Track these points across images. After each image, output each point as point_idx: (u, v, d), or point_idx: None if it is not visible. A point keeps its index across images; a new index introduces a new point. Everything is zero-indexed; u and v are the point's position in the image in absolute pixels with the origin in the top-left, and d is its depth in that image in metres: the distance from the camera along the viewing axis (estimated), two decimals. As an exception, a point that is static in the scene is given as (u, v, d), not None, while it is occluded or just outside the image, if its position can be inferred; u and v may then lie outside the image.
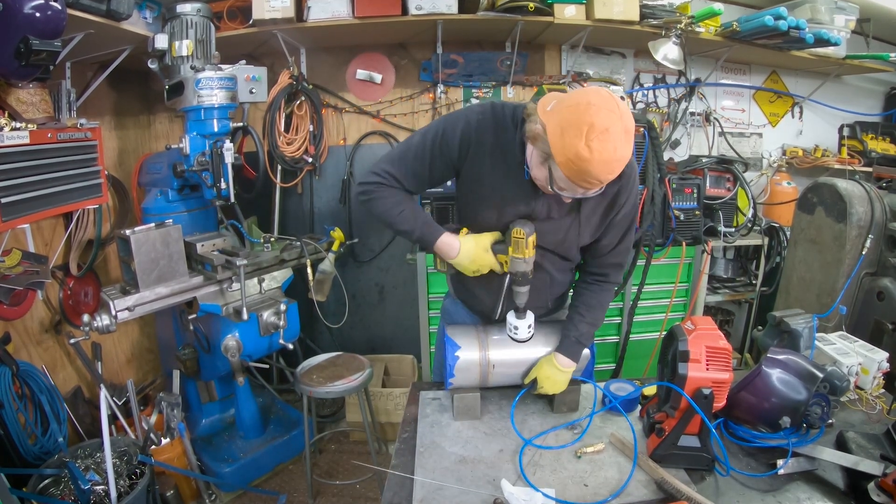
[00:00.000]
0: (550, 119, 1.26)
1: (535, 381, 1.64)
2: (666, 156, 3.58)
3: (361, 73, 3.62)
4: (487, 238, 1.57)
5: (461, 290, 1.85)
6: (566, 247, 1.61)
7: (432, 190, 2.20)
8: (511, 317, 1.61)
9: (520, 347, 1.65)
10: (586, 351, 1.69)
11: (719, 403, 1.37)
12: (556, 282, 1.71)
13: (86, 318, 2.26)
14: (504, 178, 1.50)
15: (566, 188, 1.33)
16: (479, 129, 1.49)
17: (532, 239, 1.47)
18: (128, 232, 2.33)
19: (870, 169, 3.62)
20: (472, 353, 1.62)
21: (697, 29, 3.19)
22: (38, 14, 1.93)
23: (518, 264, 1.50)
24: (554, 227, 1.55)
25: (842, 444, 1.46)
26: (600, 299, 1.70)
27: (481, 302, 1.76)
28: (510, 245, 1.51)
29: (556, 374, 1.61)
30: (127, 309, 2.31)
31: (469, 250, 1.55)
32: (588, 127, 1.17)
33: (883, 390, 1.79)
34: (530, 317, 1.60)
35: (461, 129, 1.50)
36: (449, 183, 1.72)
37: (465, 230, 1.62)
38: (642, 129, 2.94)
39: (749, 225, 3.46)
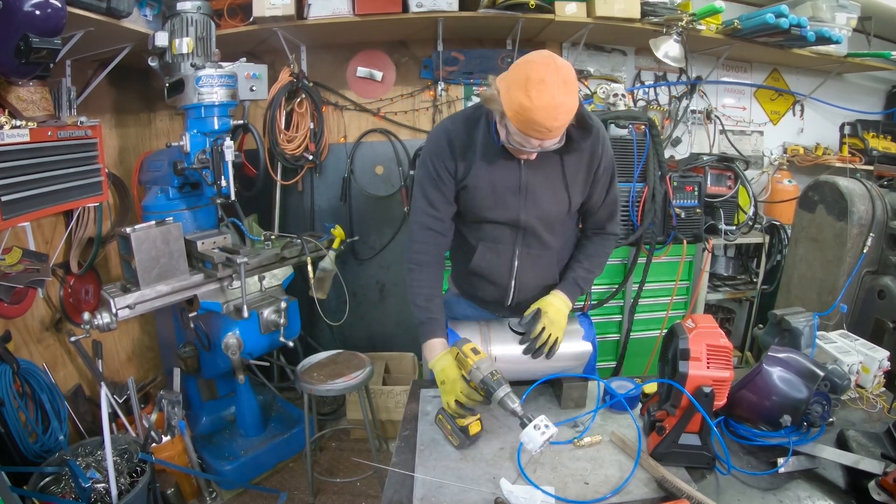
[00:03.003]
0: (501, 82, 1.41)
1: (538, 312, 1.64)
2: (667, 154, 3.57)
3: (362, 71, 3.62)
4: (456, 371, 1.53)
5: (466, 285, 1.89)
6: (559, 211, 1.67)
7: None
8: (526, 434, 1.35)
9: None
10: (588, 347, 1.69)
11: (720, 402, 1.37)
12: (561, 253, 1.78)
13: (86, 316, 2.26)
14: (487, 160, 1.60)
15: (521, 141, 1.44)
16: (457, 133, 1.62)
17: (469, 346, 1.48)
18: (128, 230, 2.33)
19: (871, 167, 3.62)
20: None
21: (698, 26, 3.18)
22: (37, 12, 1.93)
23: (475, 374, 1.43)
24: (547, 196, 1.63)
25: (842, 443, 1.46)
26: (599, 249, 1.80)
27: (491, 291, 1.80)
28: (461, 366, 1.49)
29: (559, 302, 1.66)
30: (127, 307, 2.31)
31: (441, 362, 1.55)
32: (526, 79, 1.32)
33: (883, 389, 1.79)
34: (552, 428, 1.35)
35: (446, 141, 1.62)
36: None
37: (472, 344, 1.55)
38: (643, 126, 2.94)
39: (750, 223, 3.45)
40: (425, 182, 1.66)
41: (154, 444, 2.57)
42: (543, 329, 1.61)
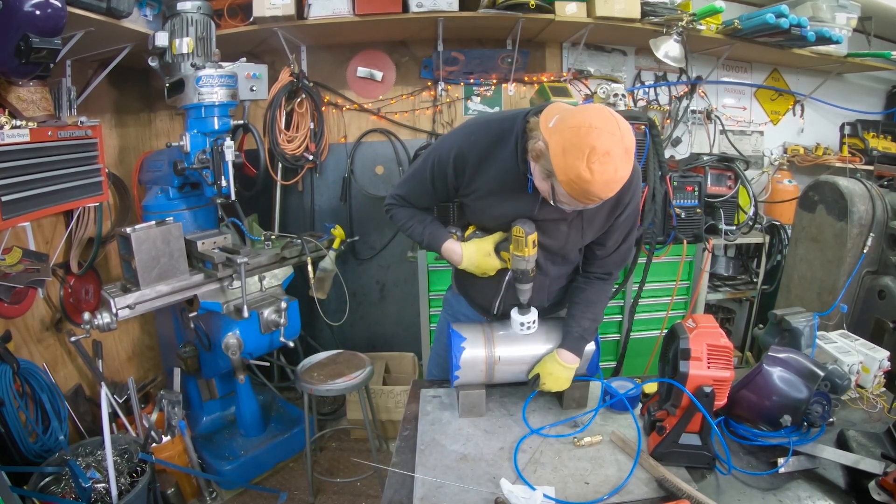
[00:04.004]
0: (553, 137, 1.27)
1: (537, 378, 1.65)
2: (667, 154, 3.57)
3: (362, 71, 3.62)
4: (489, 242, 1.61)
5: (462, 284, 1.88)
6: (568, 248, 1.62)
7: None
8: (514, 313, 1.62)
9: (525, 343, 1.65)
10: (591, 346, 1.70)
11: (720, 401, 1.37)
12: (554, 283, 1.72)
13: (86, 316, 2.26)
14: (505, 187, 1.52)
15: (568, 203, 1.36)
16: (473, 148, 1.52)
17: (532, 237, 1.48)
18: (128, 230, 2.33)
19: (871, 167, 3.61)
20: (477, 347, 1.63)
21: (699, 27, 3.18)
22: (38, 12, 1.93)
23: (518, 262, 1.51)
24: (557, 230, 1.56)
25: (843, 443, 1.46)
26: (601, 295, 1.71)
27: (481, 296, 1.78)
28: (511, 243, 1.52)
29: (560, 370, 1.61)
30: (127, 307, 2.31)
31: (471, 256, 1.63)
32: (590, 150, 1.19)
33: (884, 389, 1.79)
34: (534, 312, 1.61)
35: (454, 155, 1.54)
36: None
37: (472, 228, 1.67)
38: (643, 126, 2.94)
39: (750, 223, 3.45)
40: (418, 176, 1.65)
41: (154, 444, 2.57)
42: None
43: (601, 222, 1.58)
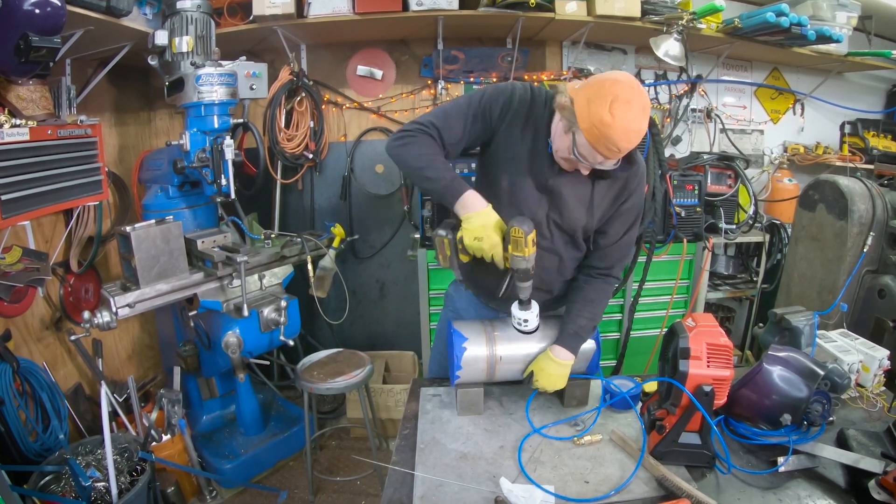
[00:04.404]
0: (578, 94, 1.40)
1: (532, 376, 1.65)
2: (667, 152, 3.58)
3: (362, 70, 3.61)
4: (500, 226, 1.55)
5: (466, 271, 1.84)
6: (576, 226, 1.63)
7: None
8: (515, 309, 1.61)
9: (526, 341, 1.65)
10: (591, 344, 1.70)
11: (720, 400, 1.37)
12: (564, 264, 1.72)
13: (86, 314, 2.26)
14: (530, 150, 1.60)
15: (586, 154, 1.43)
16: (520, 102, 1.59)
17: (531, 237, 1.47)
18: (128, 228, 2.32)
19: (871, 166, 3.62)
20: (479, 346, 1.63)
21: (699, 25, 3.18)
22: (37, 11, 1.93)
23: (518, 262, 1.50)
24: (568, 205, 1.60)
25: (842, 442, 1.46)
26: (600, 294, 1.71)
27: (487, 277, 1.74)
28: (510, 244, 1.50)
29: (553, 367, 1.61)
30: (127, 305, 2.31)
31: (487, 216, 1.52)
32: (613, 97, 1.32)
33: (884, 388, 1.79)
34: (535, 308, 1.61)
35: (506, 98, 1.60)
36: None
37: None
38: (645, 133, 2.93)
39: (750, 222, 3.45)
40: (459, 108, 1.60)
41: (154, 443, 2.57)
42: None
43: (607, 205, 1.63)
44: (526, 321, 1.60)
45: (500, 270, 1.64)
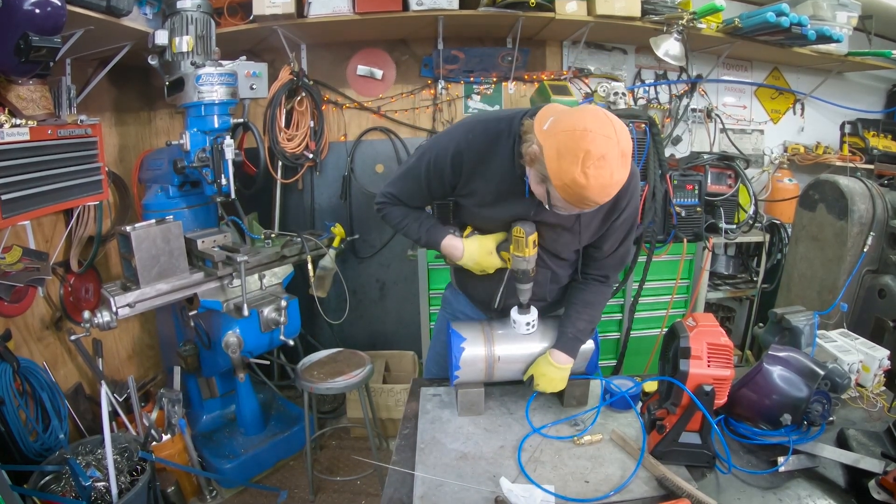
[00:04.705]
0: (547, 141, 1.24)
1: (532, 379, 1.65)
2: (667, 152, 3.57)
3: (362, 69, 3.61)
4: (491, 241, 1.60)
5: (461, 280, 1.86)
6: (565, 250, 1.62)
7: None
8: (514, 313, 1.62)
9: (524, 341, 1.65)
10: (590, 345, 1.70)
11: (720, 400, 1.37)
12: (557, 276, 1.71)
13: (86, 314, 2.26)
14: (502, 189, 1.50)
15: (564, 208, 1.34)
16: (470, 149, 1.49)
17: (532, 238, 1.48)
18: (128, 228, 2.33)
19: (871, 166, 3.61)
20: (477, 346, 1.63)
21: (699, 25, 3.18)
22: (37, 10, 1.93)
23: (519, 262, 1.51)
24: (554, 233, 1.56)
25: (842, 442, 1.46)
26: (598, 297, 1.71)
27: (481, 291, 1.77)
28: (511, 244, 1.52)
29: (552, 371, 1.61)
30: (128, 305, 2.31)
31: (472, 253, 1.62)
32: (584, 154, 1.17)
33: (884, 388, 1.79)
34: (534, 312, 1.61)
35: (451, 154, 1.51)
36: None
37: (469, 228, 1.66)
38: (644, 125, 2.93)
39: (750, 222, 3.45)
40: (412, 174, 1.61)
41: (154, 443, 2.57)
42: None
43: (597, 225, 1.56)
44: (528, 324, 1.60)
45: (495, 280, 1.66)
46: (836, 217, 2.55)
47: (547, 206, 1.37)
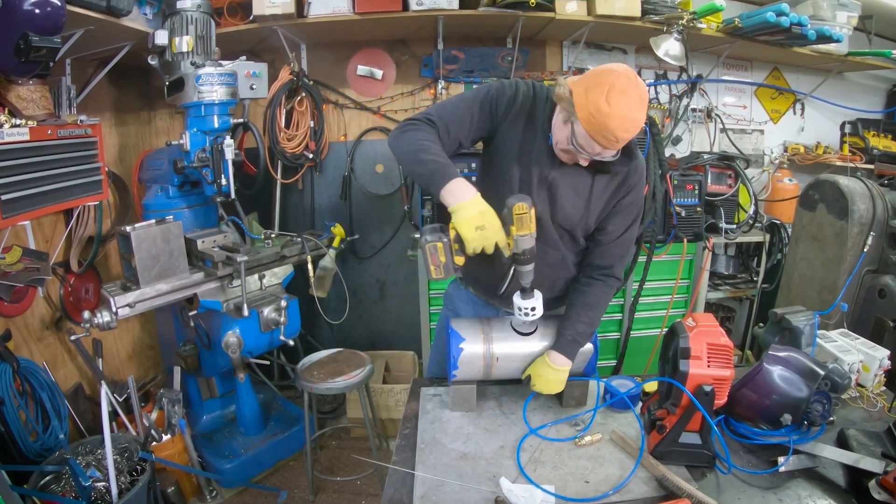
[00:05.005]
0: (577, 85, 1.42)
1: (530, 379, 1.65)
2: (667, 152, 3.57)
3: (362, 69, 3.61)
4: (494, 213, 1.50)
5: (468, 266, 1.82)
6: (575, 220, 1.64)
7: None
8: (517, 298, 1.57)
9: (523, 340, 1.65)
10: (589, 346, 1.69)
11: (720, 400, 1.37)
12: (565, 261, 1.72)
13: (86, 314, 2.26)
14: (532, 145, 1.61)
15: (585, 145, 1.44)
16: (524, 99, 1.62)
17: (533, 212, 1.44)
18: (128, 228, 2.32)
19: (871, 166, 3.62)
20: (476, 345, 1.62)
21: (699, 25, 3.18)
22: (37, 10, 1.93)
23: (525, 241, 1.44)
24: (566, 199, 1.61)
25: (843, 442, 1.46)
26: (600, 299, 1.71)
27: (488, 276, 1.76)
28: (512, 224, 1.43)
29: (550, 373, 1.61)
30: (128, 305, 2.31)
31: (482, 203, 1.46)
32: (609, 86, 1.34)
33: (884, 388, 1.79)
34: (538, 295, 1.57)
35: (511, 93, 1.62)
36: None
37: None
38: (644, 125, 2.93)
39: (750, 222, 3.45)
40: (464, 101, 1.61)
41: (154, 443, 2.57)
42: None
43: (606, 199, 1.63)
44: (533, 309, 1.55)
45: (498, 266, 1.65)
46: (836, 217, 2.55)
47: (569, 146, 1.47)
